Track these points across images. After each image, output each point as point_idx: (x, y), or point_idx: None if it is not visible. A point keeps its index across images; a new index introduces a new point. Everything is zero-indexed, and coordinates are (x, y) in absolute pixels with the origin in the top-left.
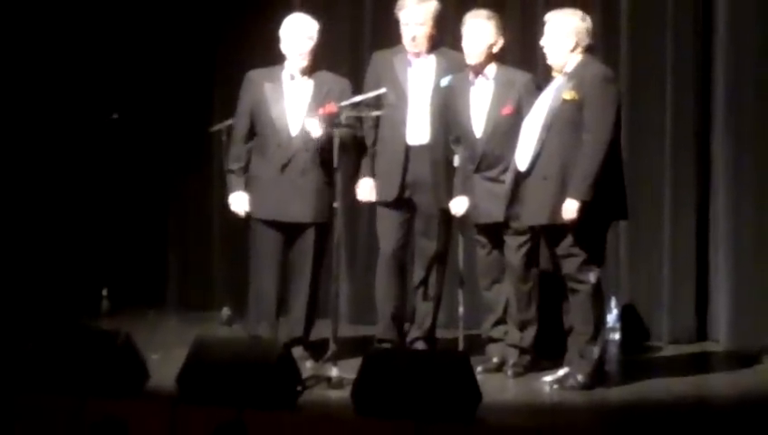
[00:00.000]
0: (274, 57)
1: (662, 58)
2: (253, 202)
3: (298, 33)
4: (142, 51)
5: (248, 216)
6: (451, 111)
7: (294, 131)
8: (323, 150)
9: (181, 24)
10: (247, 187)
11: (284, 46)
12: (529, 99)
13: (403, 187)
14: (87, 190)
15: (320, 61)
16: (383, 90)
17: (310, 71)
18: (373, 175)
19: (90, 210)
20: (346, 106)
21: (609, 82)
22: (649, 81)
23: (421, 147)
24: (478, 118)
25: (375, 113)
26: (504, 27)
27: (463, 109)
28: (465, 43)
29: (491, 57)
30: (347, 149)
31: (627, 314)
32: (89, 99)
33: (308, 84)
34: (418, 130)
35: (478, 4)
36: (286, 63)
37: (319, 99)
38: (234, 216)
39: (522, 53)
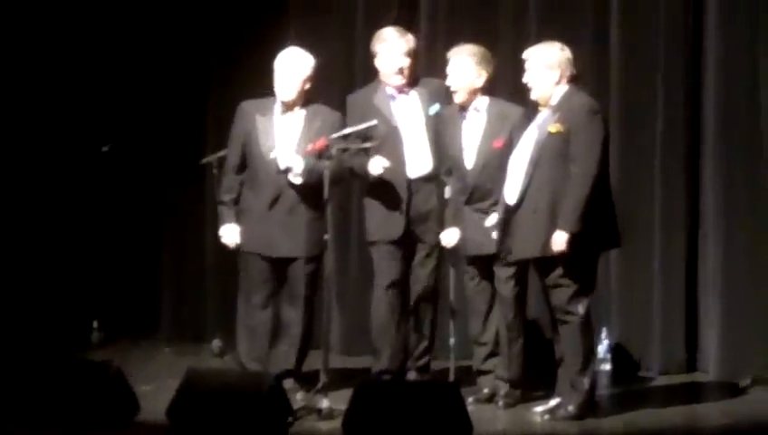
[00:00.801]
0: (267, 89)
1: (652, 88)
2: (243, 235)
3: (292, 68)
4: (134, 82)
5: (239, 248)
6: (443, 142)
7: (283, 165)
8: (310, 185)
9: (173, 56)
10: (238, 219)
11: (278, 80)
12: (521, 133)
13: (408, 222)
14: (79, 221)
15: (314, 94)
16: (374, 121)
17: (302, 104)
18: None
19: (82, 241)
20: (336, 139)
21: (595, 113)
22: (640, 111)
23: (423, 178)
24: (470, 150)
25: (366, 145)
26: (493, 59)
27: (455, 140)
28: (449, 81)
29: (476, 92)
30: (337, 182)
31: (617, 345)
32: (81, 131)
33: (299, 118)
34: (419, 161)
35: (473, 35)
36: (278, 96)
37: (309, 133)
38: (225, 247)
39: (515, 83)
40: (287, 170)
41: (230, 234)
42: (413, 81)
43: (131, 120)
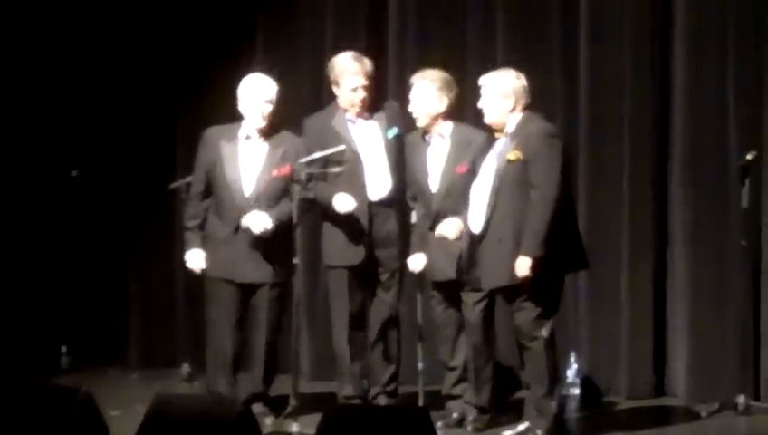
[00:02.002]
0: (235, 115)
1: (620, 113)
2: (209, 261)
3: (256, 95)
4: (103, 107)
5: (204, 273)
6: (408, 167)
7: (248, 193)
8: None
9: (143, 81)
10: (204, 245)
11: (242, 106)
12: (484, 158)
13: (370, 247)
14: (47, 247)
15: (279, 120)
16: (342, 147)
17: (267, 131)
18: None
19: (50, 267)
20: (306, 163)
21: (552, 137)
22: (607, 136)
23: (382, 202)
24: (434, 175)
25: (335, 170)
26: (457, 85)
27: (419, 165)
28: (411, 106)
29: (438, 117)
30: (305, 209)
31: (586, 370)
32: (48, 156)
33: (264, 144)
34: (379, 184)
35: (441, 59)
36: (243, 123)
37: (274, 160)
38: (191, 272)
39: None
40: (256, 196)
41: (195, 259)
42: (371, 104)
43: (100, 145)
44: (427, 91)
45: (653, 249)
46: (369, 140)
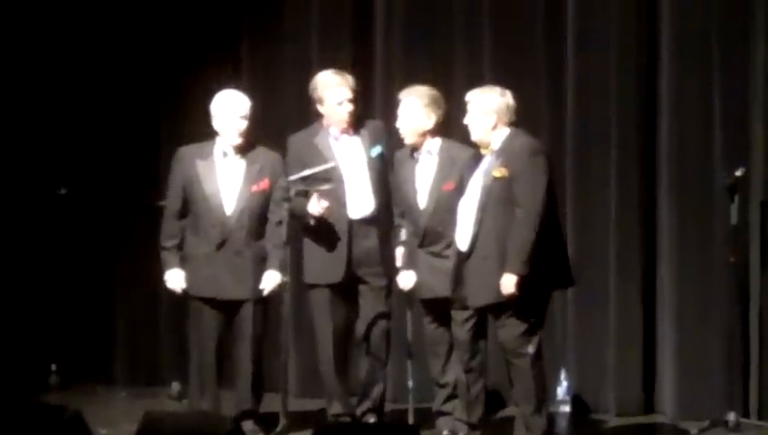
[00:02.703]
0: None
1: (606, 128)
2: (189, 280)
3: (232, 112)
4: (89, 126)
5: (185, 293)
6: (395, 184)
7: (229, 210)
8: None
9: (129, 99)
10: (183, 264)
11: (217, 123)
12: (471, 175)
13: (349, 265)
14: (35, 265)
15: (253, 135)
16: (332, 163)
17: (243, 147)
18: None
19: (38, 285)
20: (296, 180)
21: (536, 154)
22: (594, 150)
23: (364, 220)
24: (422, 192)
25: (324, 187)
26: (445, 102)
27: (407, 182)
28: (398, 123)
29: (426, 134)
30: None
31: (575, 387)
32: (36, 174)
33: (241, 161)
34: (361, 203)
35: (428, 75)
36: (218, 140)
37: (251, 176)
38: (173, 293)
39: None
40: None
41: (175, 279)
42: (355, 121)
43: (89, 163)
44: (415, 109)
45: (641, 266)
46: (351, 157)
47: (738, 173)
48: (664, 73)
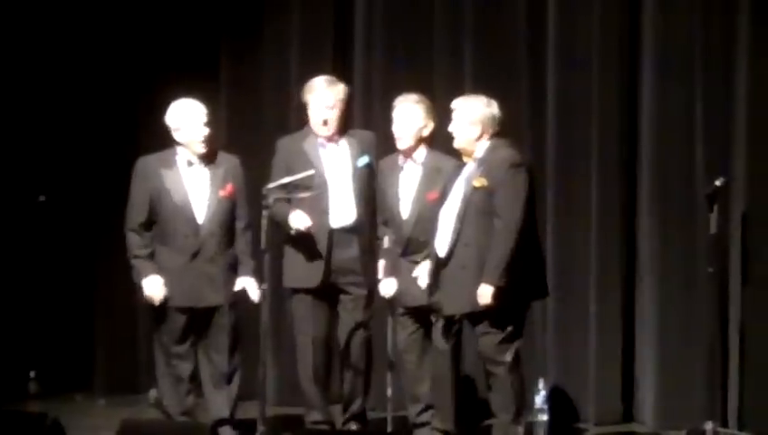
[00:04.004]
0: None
1: (588, 141)
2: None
3: (194, 120)
4: (68, 133)
5: (165, 300)
6: (380, 193)
7: (201, 219)
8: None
9: (106, 107)
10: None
11: (181, 135)
12: (453, 184)
13: (327, 272)
14: (14, 272)
15: (214, 141)
16: (312, 171)
17: (208, 155)
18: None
19: (16, 292)
20: (275, 188)
21: (517, 166)
22: (575, 163)
23: (345, 229)
24: (406, 201)
25: (303, 195)
26: (433, 110)
27: (391, 191)
28: (395, 128)
29: (420, 141)
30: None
31: (553, 396)
32: (15, 181)
33: (205, 169)
34: (342, 212)
35: (408, 87)
36: (179, 149)
37: (218, 182)
38: (150, 301)
39: (449, 136)
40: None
41: (155, 285)
42: (342, 130)
43: (68, 171)
44: (415, 114)
45: (621, 277)
46: (337, 165)
47: (718, 183)
48: (646, 86)
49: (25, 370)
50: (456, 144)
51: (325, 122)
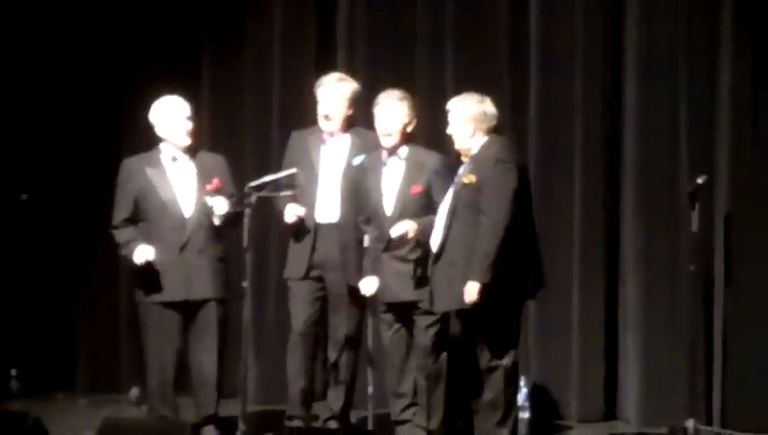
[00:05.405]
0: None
1: (571, 142)
2: (149, 287)
3: (177, 115)
4: (50, 132)
5: (143, 299)
6: (363, 190)
7: (188, 213)
8: (221, 227)
9: (89, 106)
10: (144, 271)
11: (163, 130)
12: (438, 180)
13: (311, 265)
14: None
15: (197, 138)
16: (294, 170)
17: (191, 149)
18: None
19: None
20: (257, 186)
21: (504, 163)
22: (558, 162)
23: (330, 225)
24: (389, 197)
25: (285, 193)
26: (416, 108)
27: (374, 188)
28: (378, 124)
29: (405, 137)
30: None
31: (536, 393)
32: None
33: (189, 163)
34: (328, 208)
35: (386, 85)
36: (163, 146)
37: (204, 176)
38: (142, 267)
39: (430, 134)
40: (200, 214)
41: (145, 252)
42: (347, 126)
43: (50, 169)
44: (398, 109)
45: (605, 275)
46: (333, 162)
47: (700, 181)
48: (629, 87)
49: (6, 368)
50: (456, 144)
51: (327, 117)
